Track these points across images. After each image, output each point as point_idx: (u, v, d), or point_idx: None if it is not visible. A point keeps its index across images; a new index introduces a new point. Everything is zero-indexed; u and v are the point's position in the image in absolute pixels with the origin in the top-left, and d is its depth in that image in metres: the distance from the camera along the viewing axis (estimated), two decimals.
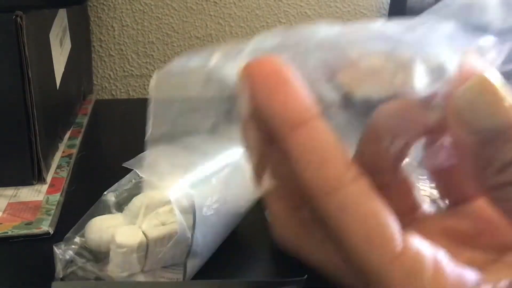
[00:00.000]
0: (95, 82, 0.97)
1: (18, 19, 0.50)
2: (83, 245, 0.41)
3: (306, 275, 0.36)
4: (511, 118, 0.16)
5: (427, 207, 0.21)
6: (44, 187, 0.56)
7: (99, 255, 0.41)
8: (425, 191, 0.24)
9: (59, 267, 0.40)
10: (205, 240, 0.41)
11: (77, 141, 0.70)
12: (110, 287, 0.40)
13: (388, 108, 0.19)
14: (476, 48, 0.18)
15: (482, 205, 0.20)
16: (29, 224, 0.50)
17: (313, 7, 1.01)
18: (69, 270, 0.40)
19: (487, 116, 0.16)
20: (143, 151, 0.46)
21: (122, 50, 0.96)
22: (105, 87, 0.98)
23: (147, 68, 0.97)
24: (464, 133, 0.16)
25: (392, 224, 0.16)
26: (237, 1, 0.97)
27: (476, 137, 0.16)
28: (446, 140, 0.19)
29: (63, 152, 0.66)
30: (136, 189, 0.45)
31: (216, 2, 0.96)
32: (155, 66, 0.97)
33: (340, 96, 0.18)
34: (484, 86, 0.16)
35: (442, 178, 0.21)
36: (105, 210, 0.44)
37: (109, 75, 0.97)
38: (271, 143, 0.17)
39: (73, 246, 0.41)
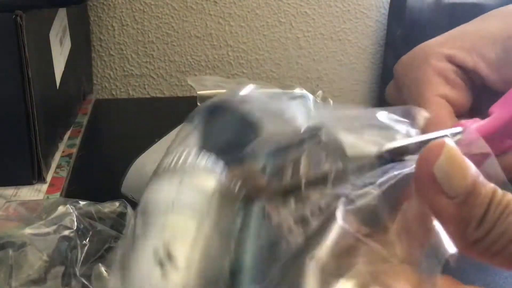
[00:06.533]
0: (95, 82, 0.97)
1: (18, 19, 0.50)
2: None
3: None
4: (474, 178, 0.20)
5: None
6: (44, 187, 0.56)
7: None
8: None
9: None
10: None
11: (77, 141, 0.70)
12: None
13: None
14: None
15: None
16: None
17: (313, 6, 1.01)
18: None
19: (460, 180, 0.20)
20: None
21: (122, 49, 0.96)
22: (105, 86, 0.98)
23: (147, 68, 0.97)
24: (443, 200, 0.20)
25: None
26: (237, 0, 0.97)
27: (454, 200, 0.20)
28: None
29: (63, 151, 0.66)
30: None
31: (216, 2, 0.96)
32: (155, 65, 0.97)
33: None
34: (453, 156, 0.20)
35: None
36: None
37: (109, 74, 0.97)
38: None
39: None
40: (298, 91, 0.64)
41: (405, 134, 0.24)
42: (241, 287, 0.19)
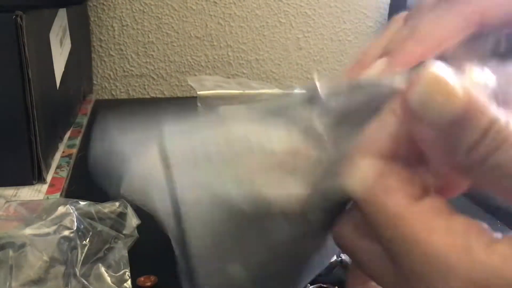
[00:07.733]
0: (95, 82, 0.97)
1: (18, 19, 0.50)
2: None
3: None
4: (465, 105, 0.17)
5: None
6: (44, 187, 0.56)
7: None
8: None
9: None
10: None
11: (77, 141, 0.70)
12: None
13: None
14: None
15: None
16: None
17: (313, 7, 1.01)
18: None
19: (444, 109, 0.17)
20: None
21: (122, 50, 0.96)
22: (105, 87, 0.98)
23: (147, 68, 0.97)
24: (426, 128, 0.18)
25: None
26: (237, 1, 0.97)
27: (437, 130, 0.17)
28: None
29: (63, 152, 0.66)
30: None
31: (216, 2, 0.96)
32: (155, 65, 0.97)
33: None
34: (434, 82, 0.17)
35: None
36: None
37: (109, 75, 0.97)
38: None
39: None
40: (298, 91, 0.64)
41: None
42: None
